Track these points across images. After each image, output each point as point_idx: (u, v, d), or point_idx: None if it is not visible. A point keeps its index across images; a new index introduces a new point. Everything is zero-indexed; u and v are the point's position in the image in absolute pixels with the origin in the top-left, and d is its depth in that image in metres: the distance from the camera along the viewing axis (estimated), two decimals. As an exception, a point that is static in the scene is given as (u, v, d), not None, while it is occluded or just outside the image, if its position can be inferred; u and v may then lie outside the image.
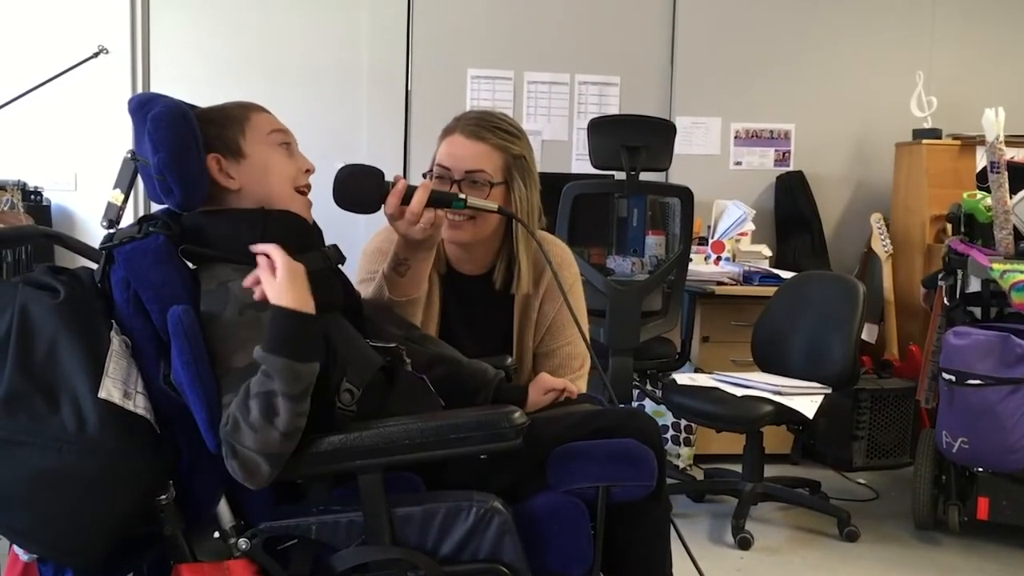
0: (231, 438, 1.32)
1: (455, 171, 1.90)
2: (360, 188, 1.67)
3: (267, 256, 1.40)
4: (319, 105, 4.26)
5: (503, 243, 2.01)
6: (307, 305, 1.37)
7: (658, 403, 3.73)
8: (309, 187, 1.62)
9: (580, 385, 2.01)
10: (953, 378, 3.07)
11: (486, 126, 1.93)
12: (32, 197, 3.79)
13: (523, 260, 1.97)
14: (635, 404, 3.91)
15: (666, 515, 1.60)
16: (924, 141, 4.30)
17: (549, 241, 2.07)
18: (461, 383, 1.72)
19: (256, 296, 1.38)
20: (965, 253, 3.35)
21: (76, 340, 1.36)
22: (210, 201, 1.54)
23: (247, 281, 1.40)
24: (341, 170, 1.67)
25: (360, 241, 2.01)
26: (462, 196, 1.73)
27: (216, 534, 1.44)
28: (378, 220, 1.76)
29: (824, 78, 4.64)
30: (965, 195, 3.52)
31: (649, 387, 3.84)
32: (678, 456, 3.97)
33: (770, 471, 3.50)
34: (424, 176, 1.92)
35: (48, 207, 3.94)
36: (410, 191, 1.67)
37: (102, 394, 1.34)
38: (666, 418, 3.89)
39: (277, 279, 1.37)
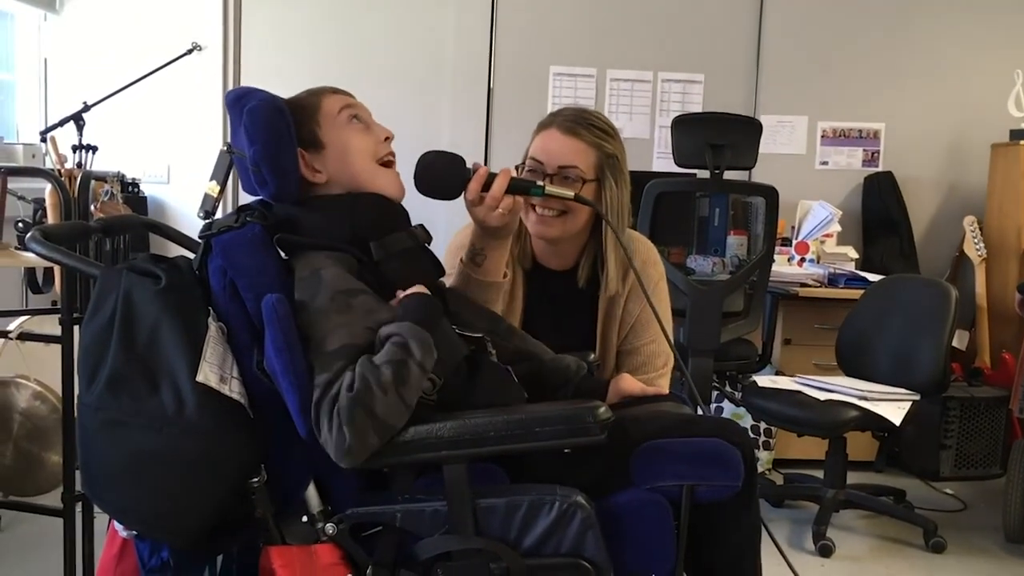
0: (355, 400, 1.29)
1: (548, 165, 1.91)
2: (442, 174, 1.68)
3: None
4: (403, 101, 4.32)
5: (589, 240, 2.00)
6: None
7: (737, 405, 3.68)
8: (393, 155, 1.64)
9: (662, 384, 1.99)
10: (1050, 388, 2.97)
11: (582, 123, 1.93)
12: (130, 188, 3.92)
13: (611, 258, 1.96)
14: (714, 406, 3.87)
15: (756, 520, 1.57)
16: (1022, 142, 4.15)
17: (635, 239, 2.06)
18: (543, 379, 1.71)
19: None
20: (1065, 258, 3.23)
21: (176, 325, 1.40)
22: (302, 191, 1.57)
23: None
24: (424, 156, 1.67)
25: (439, 231, 2.02)
26: (540, 183, 1.73)
27: (304, 518, 1.47)
28: (458, 211, 1.76)
29: (916, 76, 4.51)
30: (1066, 198, 3.39)
31: (728, 389, 3.79)
32: (756, 460, 3.91)
33: (852, 478, 3.42)
34: (516, 168, 1.93)
35: (144, 199, 4.08)
36: (490, 178, 1.68)
37: (199, 378, 1.37)
38: (745, 421, 3.83)
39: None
